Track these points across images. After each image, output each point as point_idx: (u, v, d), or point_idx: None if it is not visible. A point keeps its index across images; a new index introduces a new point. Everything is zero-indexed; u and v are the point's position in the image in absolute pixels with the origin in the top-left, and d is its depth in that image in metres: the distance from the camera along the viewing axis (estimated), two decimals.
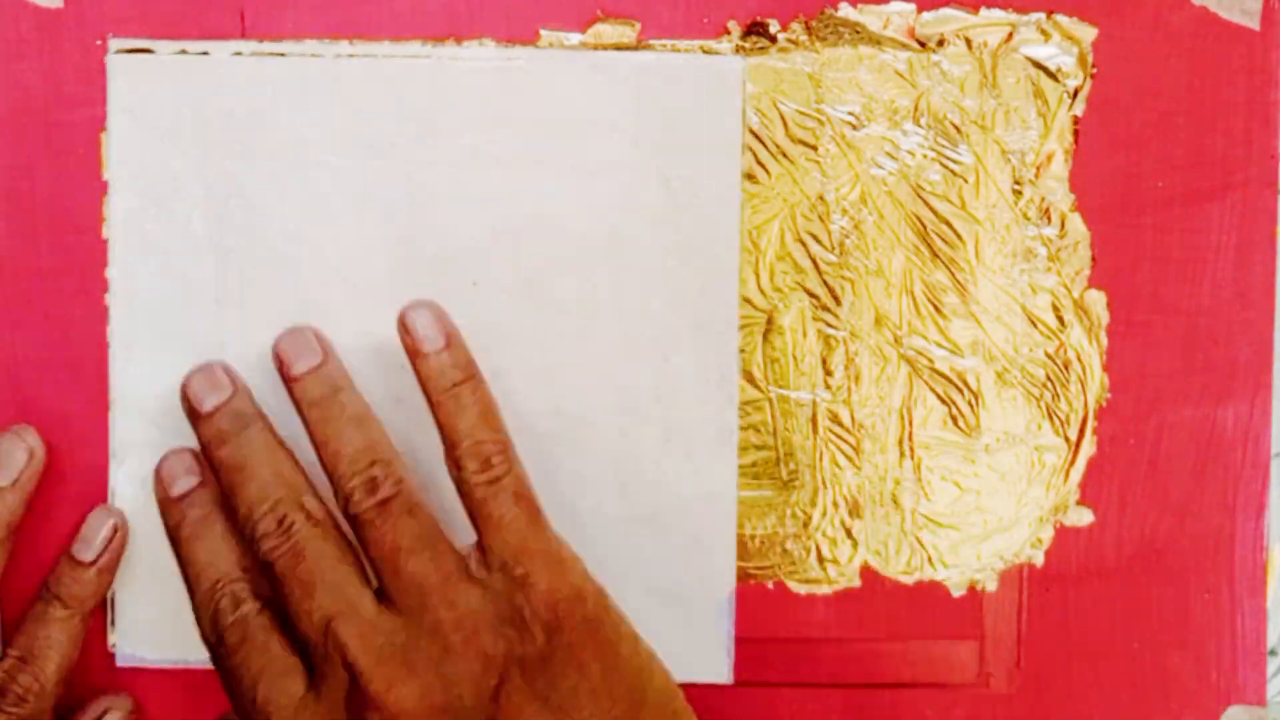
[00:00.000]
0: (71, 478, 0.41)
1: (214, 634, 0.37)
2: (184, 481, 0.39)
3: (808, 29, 0.41)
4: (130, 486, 0.41)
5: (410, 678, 0.35)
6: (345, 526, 0.37)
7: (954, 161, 0.41)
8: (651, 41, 0.41)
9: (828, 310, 0.41)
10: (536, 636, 0.36)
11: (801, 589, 0.42)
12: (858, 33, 0.41)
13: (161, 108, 0.40)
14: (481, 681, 0.35)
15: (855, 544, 0.42)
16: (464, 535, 0.37)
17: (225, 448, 0.38)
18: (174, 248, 0.41)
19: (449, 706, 0.35)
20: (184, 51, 0.40)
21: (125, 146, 0.40)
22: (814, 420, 0.41)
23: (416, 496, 0.37)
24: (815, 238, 0.41)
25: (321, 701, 0.36)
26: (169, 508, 0.39)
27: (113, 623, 0.41)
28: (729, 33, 0.40)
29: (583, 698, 0.36)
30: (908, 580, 0.42)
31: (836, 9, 0.41)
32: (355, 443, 0.37)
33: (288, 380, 0.38)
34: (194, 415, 0.39)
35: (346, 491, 0.37)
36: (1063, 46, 0.41)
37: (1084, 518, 0.42)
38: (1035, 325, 0.41)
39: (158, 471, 0.39)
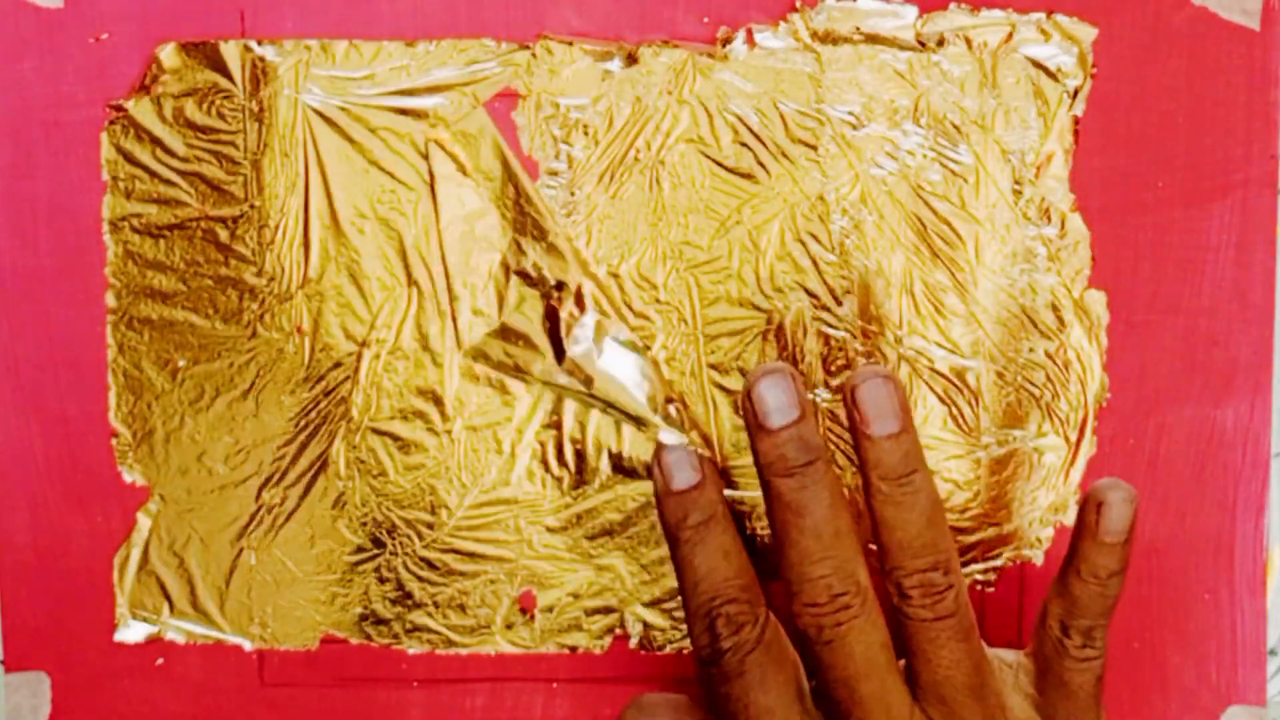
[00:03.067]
0: (71, 478, 0.41)
1: (709, 653, 0.36)
2: (687, 476, 0.37)
3: (810, 30, 0.41)
4: None
5: None
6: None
7: (954, 161, 0.41)
8: (650, 42, 0.41)
9: (828, 310, 0.41)
10: None
11: None
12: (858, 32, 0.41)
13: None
14: None
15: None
16: None
17: (788, 480, 0.36)
18: None
19: None
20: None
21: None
22: (814, 420, 0.41)
23: (970, 613, 0.36)
24: (815, 238, 0.41)
25: None
26: (668, 501, 0.37)
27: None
28: (726, 38, 0.41)
29: None
30: None
31: None
32: (923, 533, 0.36)
33: (861, 437, 0.36)
34: (755, 426, 0.36)
35: (902, 588, 0.36)
36: (1063, 46, 0.41)
37: None
38: (1035, 325, 0.41)
39: (658, 460, 0.38)
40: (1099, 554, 0.36)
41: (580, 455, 0.42)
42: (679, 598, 0.41)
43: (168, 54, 0.40)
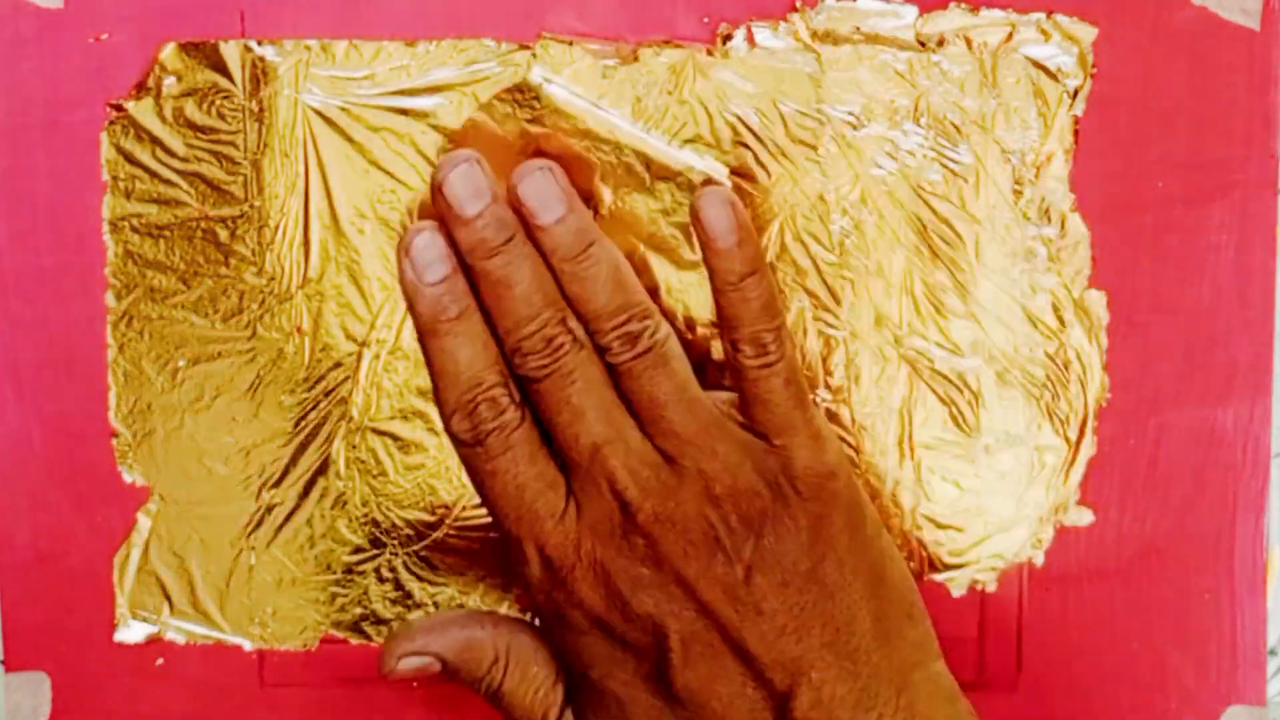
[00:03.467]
0: (72, 478, 0.41)
1: (472, 436, 0.37)
2: (440, 268, 0.38)
3: (810, 30, 0.41)
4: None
5: (676, 514, 0.37)
6: None
7: (954, 161, 0.41)
8: (648, 41, 0.41)
9: (828, 310, 0.41)
10: (791, 501, 0.37)
11: None
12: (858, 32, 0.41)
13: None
14: (740, 532, 0.37)
15: None
16: None
17: (490, 260, 0.37)
18: None
19: (708, 548, 0.36)
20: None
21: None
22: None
23: (673, 347, 0.38)
24: (815, 238, 0.41)
25: (583, 520, 0.37)
26: (420, 293, 0.38)
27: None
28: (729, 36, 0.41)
29: (829, 566, 0.37)
30: None
31: None
32: (611, 298, 0.38)
33: (532, 229, 0.38)
34: (452, 218, 0.38)
35: (604, 344, 0.38)
36: (1063, 46, 0.41)
37: (1084, 518, 0.42)
38: (1035, 325, 0.41)
39: (406, 251, 0.38)
40: (719, 260, 0.38)
41: None
42: None
43: (168, 54, 0.40)
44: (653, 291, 0.40)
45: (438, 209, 0.38)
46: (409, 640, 0.39)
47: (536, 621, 0.41)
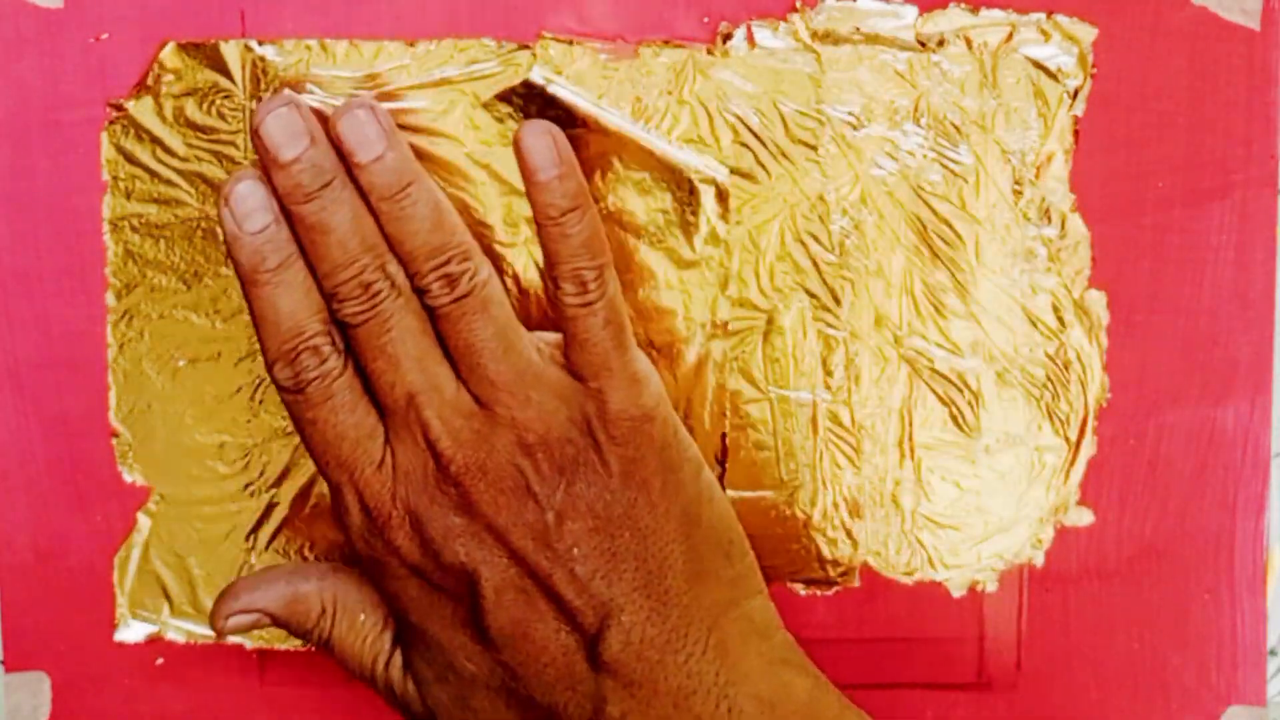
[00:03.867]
0: (72, 478, 0.41)
1: (294, 384, 0.37)
2: (260, 217, 0.37)
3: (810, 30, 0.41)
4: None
5: (488, 464, 0.37)
6: None
7: (954, 161, 0.41)
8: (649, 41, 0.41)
9: (828, 310, 0.41)
10: (603, 446, 0.37)
11: (801, 589, 0.42)
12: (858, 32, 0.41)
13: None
14: (551, 480, 0.37)
15: (855, 544, 0.42)
16: None
17: (306, 205, 0.37)
18: None
19: (519, 496, 0.37)
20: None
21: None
22: (814, 421, 0.41)
23: (493, 291, 0.38)
24: (815, 238, 0.41)
25: (398, 469, 0.37)
26: (240, 243, 0.37)
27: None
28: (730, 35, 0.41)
29: (641, 510, 0.37)
30: (908, 580, 0.42)
31: None
32: (430, 238, 0.37)
33: (352, 167, 0.38)
34: (270, 162, 0.37)
35: (423, 286, 0.37)
36: (1063, 46, 0.41)
37: (1084, 518, 0.42)
38: (1035, 325, 0.42)
39: (225, 200, 0.37)
40: (539, 193, 0.38)
41: None
42: None
43: (168, 54, 0.40)
44: (481, 236, 0.40)
45: (257, 153, 0.38)
46: (234, 599, 0.39)
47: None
